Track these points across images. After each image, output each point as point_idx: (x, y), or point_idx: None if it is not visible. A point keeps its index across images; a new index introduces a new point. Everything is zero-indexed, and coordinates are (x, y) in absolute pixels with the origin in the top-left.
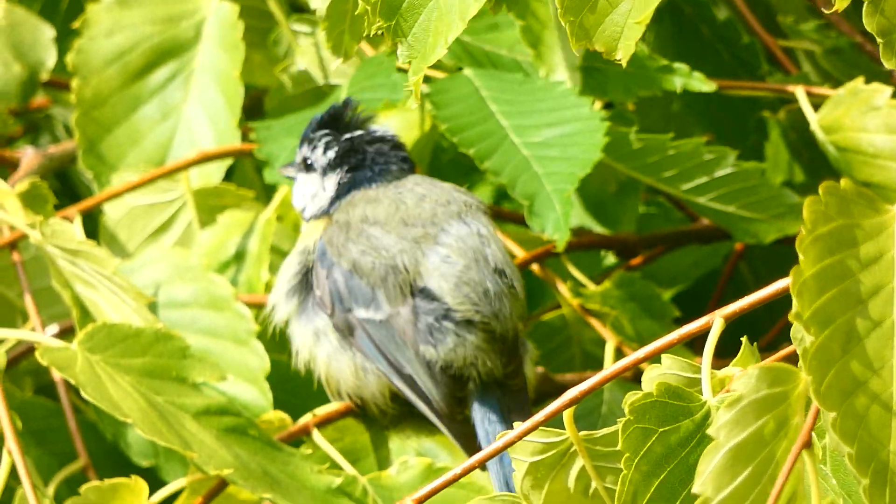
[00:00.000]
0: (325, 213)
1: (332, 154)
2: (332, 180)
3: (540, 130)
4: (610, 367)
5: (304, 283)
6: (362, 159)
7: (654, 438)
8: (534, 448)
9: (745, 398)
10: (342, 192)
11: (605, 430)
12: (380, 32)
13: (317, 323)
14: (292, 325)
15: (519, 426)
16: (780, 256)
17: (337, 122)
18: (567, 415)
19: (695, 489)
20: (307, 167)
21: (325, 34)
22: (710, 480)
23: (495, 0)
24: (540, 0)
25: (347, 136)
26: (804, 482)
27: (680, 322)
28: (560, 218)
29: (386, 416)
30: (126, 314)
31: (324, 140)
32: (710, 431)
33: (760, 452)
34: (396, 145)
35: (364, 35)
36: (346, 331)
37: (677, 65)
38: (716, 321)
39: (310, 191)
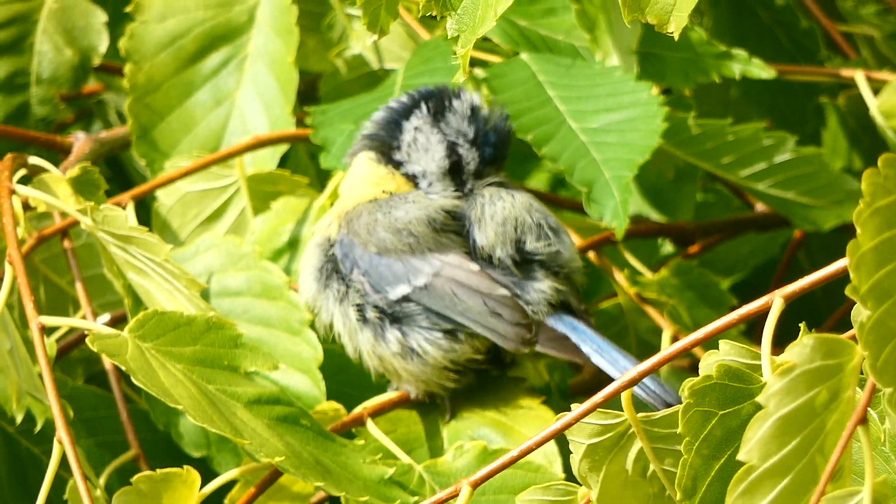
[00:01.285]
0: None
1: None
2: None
3: (598, 116)
4: (665, 350)
5: (333, 272)
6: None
7: (714, 421)
8: (591, 430)
9: (798, 367)
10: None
11: (663, 412)
12: (430, 11)
13: (351, 314)
14: (332, 318)
15: (576, 407)
16: (839, 244)
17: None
18: (625, 396)
19: (740, 456)
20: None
21: (361, 9)
22: (757, 448)
23: None
24: None
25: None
26: (852, 457)
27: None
28: (619, 205)
29: (446, 392)
30: (178, 302)
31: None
32: (759, 399)
33: (810, 423)
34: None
35: (419, 15)
36: (390, 318)
37: (736, 51)
38: (775, 301)
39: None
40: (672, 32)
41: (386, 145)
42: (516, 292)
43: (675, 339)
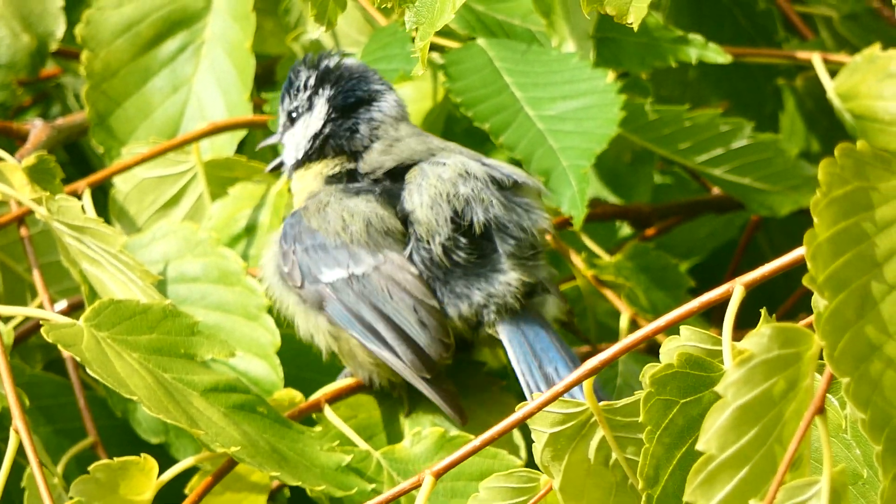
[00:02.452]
0: (327, 140)
1: (312, 81)
2: (320, 103)
3: (555, 103)
4: (626, 338)
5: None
6: (346, 78)
7: (675, 410)
8: (553, 419)
9: (756, 357)
10: (336, 112)
11: (624, 401)
12: (387, 4)
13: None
14: (288, 306)
15: (538, 397)
16: (798, 227)
17: (312, 63)
18: (587, 385)
19: (699, 446)
20: (292, 120)
21: (310, 1)
22: (715, 438)
23: None
24: None
25: (325, 62)
26: (810, 447)
27: (695, 293)
28: (576, 195)
29: (395, 389)
30: (133, 293)
31: (303, 76)
32: (717, 389)
33: (768, 412)
34: (373, 70)
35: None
36: (318, 305)
37: (692, 36)
38: (736, 288)
39: (298, 135)
40: (631, 23)
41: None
42: (461, 291)
43: (633, 321)
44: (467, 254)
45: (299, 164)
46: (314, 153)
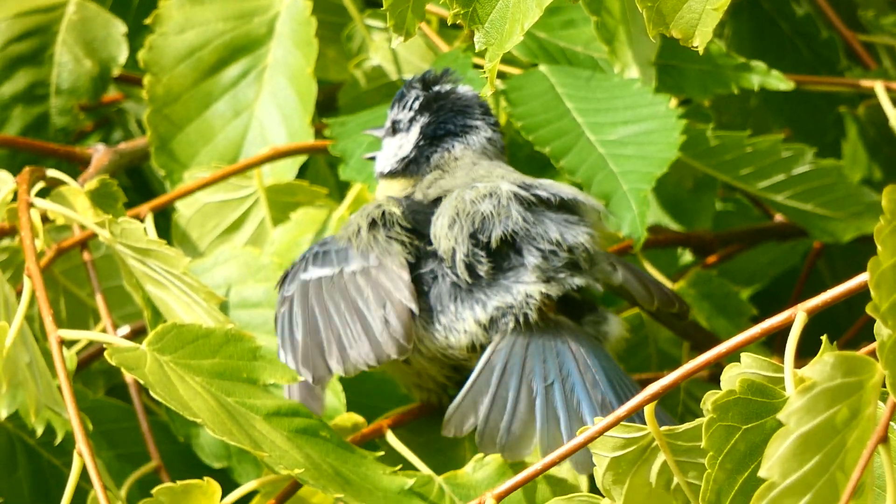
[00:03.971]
0: (410, 163)
1: (417, 105)
2: (415, 129)
3: (616, 128)
4: (687, 364)
5: None
6: (447, 109)
7: (737, 436)
8: (615, 443)
9: (819, 385)
10: (426, 140)
11: (686, 425)
12: (458, 21)
13: None
14: None
15: (599, 421)
16: (860, 254)
17: (426, 83)
18: (648, 409)
19: (761, 473)
20: (394, 130)
21: (388, 11)
22: (778, 465)
23: None
24: None
25: (436, 88)
26: (873, 474)
27: (757, 321)
28: (636, 218)
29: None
30: (197, 315)
31: (412, 95)
32: (780, 416)
33: (830, 441)
34: (481, 103)
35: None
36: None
37: (755, 63)
38: (798, 315)
39: (394, 148)
40: (696, 47)
41: None
42: (479, 297)
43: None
44: (490, 267)
45: (384, 176)
46: (398, 173)
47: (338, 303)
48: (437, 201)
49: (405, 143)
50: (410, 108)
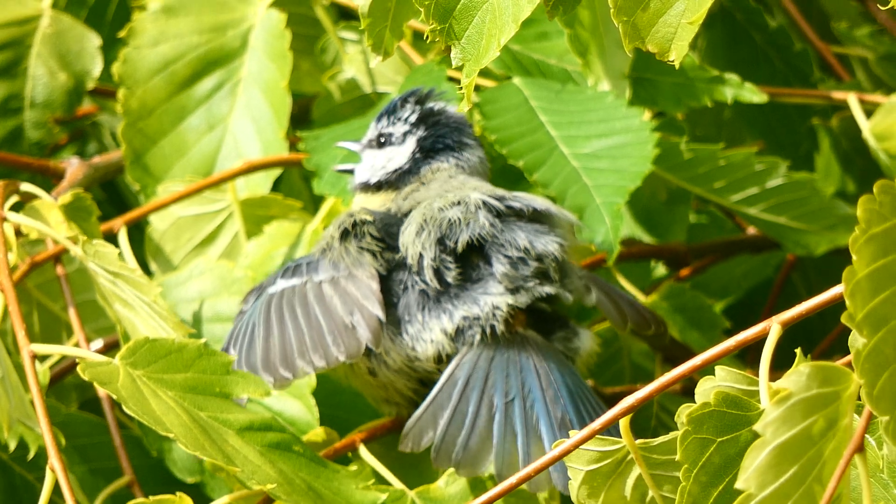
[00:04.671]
0: (404, 174)
1: (413, 119)
2: (411, 142)
3: (589, 141)
4: (661, 377)
5: None
6: (441, 126)
7: (712, 448)
8: (590, 457)
9: (795, 396)
10: (422, 153)
11: (661, 438)
12: (434, 37)
13: None
14: None
15: (575, 434)
16: (834, 266)
17: (421, 99)
18: (623, 423)
19: (738, 484)
20: (380, 143)
21: (366, 31)
22: (755, 477)
23: (552, 3)
24: (588, 8)
25: (431, 104)
26: (850, 485)
27: (731, 333)
28: (610, 231)
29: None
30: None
31: (408, 109)
32: (756, 427)
33: (807, 452)
34: (470, 125)
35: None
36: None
37: (728, 75)
38: (773, 327)
39: (383, 159)
40: (672, 61)
41: None
42: (446, 307)
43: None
44: (457, 273)
45: (368, 187)
46: (386, 185)
47: (303, 307)
48: (408, 213)
49: (397, 156)
50: (406, 122)
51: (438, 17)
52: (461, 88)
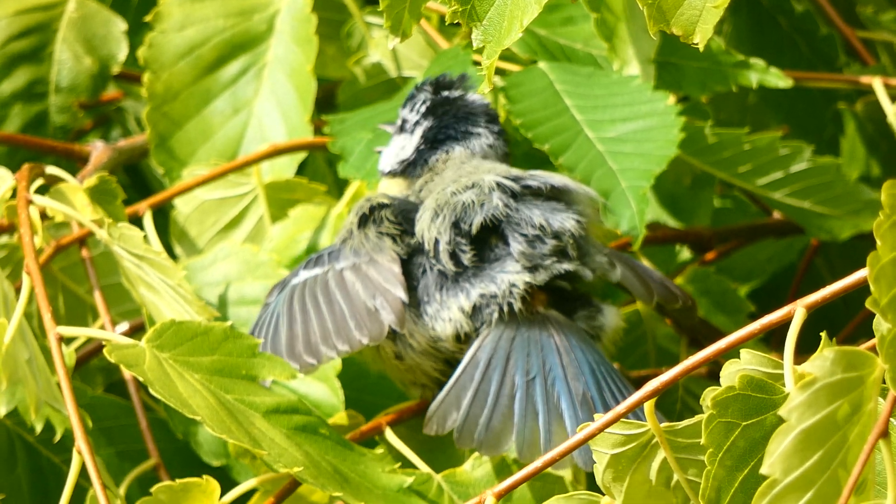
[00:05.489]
0: (409, 166)
1: (424, 109)
2: (418, 132)
3: (615, 125)
4: (687, 360)
5: None
6: (451, 114)
7: (737, 432)
8: (615, 440)
9: (820, 381)
10: (427, 144)
11: (686, 422)
12: (455, 18)
13: None
14: None
15: (599, 418)
16: (858, 251)
17: (437, 87)
18: (648, 406)
19: (763, 470)
20: (401, 129)
21: (384, 12)
22: (780, 462)
23: None
24: None
25: (444, 93)
26: (875, 470)
27: (755, 317)
28: (635, 215)
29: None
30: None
31: (421, 98)
32: (781, 412)
33: (832, 436)
34: (488, 112)
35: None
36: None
37: (753, 60)
38: (797, 310)
39: (397, 147)
40: (697, 44)
41: None
42: (463, 285)
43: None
44: (473, 254)
45: (385, 174)
46: (397, 174)
47: (325, 294)
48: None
49: (407, 146)
50: (417, 111)
51: None
52: (482, 70)
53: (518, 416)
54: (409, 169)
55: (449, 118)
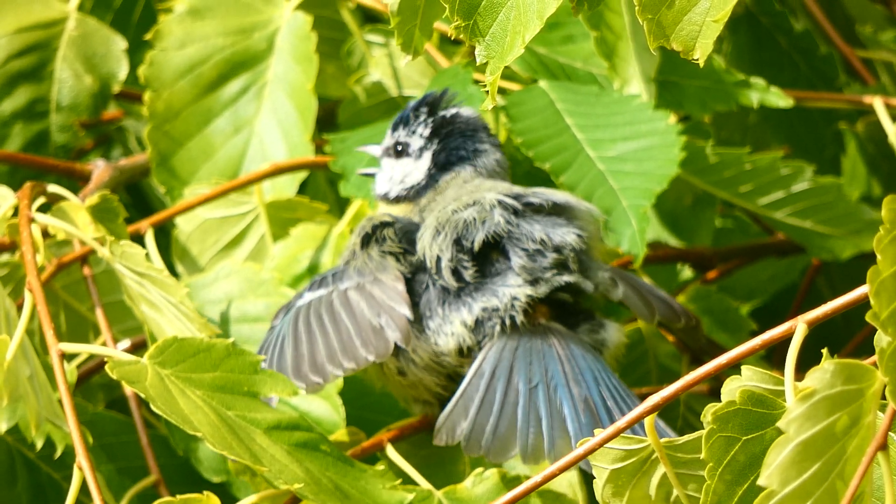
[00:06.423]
0: (420, 190)
1: (427, 132)
2: (426, 157)
3: (615, 144)
4: (687, 376)
5: None
6: (455, 136)
7: (737, 447)
8: (615, 455)
9: (819, 393)
10: (437, 168)
11: (686, 437)
12: (458, 34)
13: None
14: None
15: (599, 433)
16: (859, 271)
17: (433, 107)
18: (648, 421)
19: (761, 481)
20: (398, 152)
21: (395, 30)
22: (777, 473)
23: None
24: (614, 11)
25: (442, 113)
26: (873, 482)
27: (756, 336)
28: (636, 234)
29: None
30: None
31: (421, 119)
32: (779, 424)
33: (830, 448)
34: (485, 125)
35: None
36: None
37: (754, 79)
38: (799, 326)
39: (400, 173)
40: (697, 59)
41: None
42: (465, 300)
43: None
44: (474, 271)
45: (388, 199)
46: (405, 199)
47: (330, 314)
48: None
49: (415, 171)
50: (420, 136)
51: (463, 14)
52: (485, 87)
53: (521, 422)
54: (420, 193)
55: (455, 138)
